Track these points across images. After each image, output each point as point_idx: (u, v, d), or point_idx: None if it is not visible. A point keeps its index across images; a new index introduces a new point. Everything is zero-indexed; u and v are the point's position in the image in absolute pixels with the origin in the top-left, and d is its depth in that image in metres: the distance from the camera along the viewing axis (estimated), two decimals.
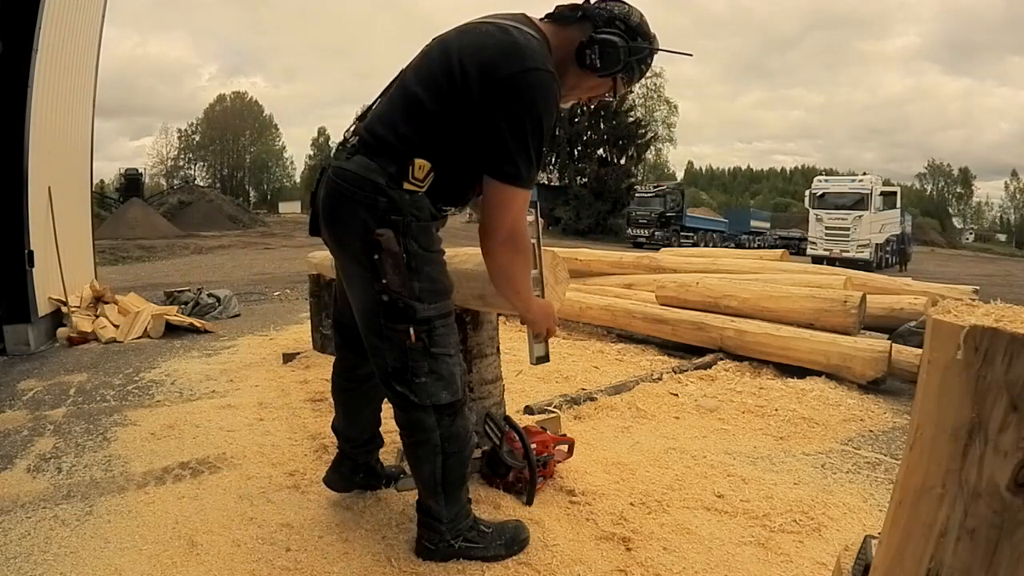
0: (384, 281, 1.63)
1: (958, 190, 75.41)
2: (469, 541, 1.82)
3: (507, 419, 2.22)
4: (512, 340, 5.17)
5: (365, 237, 1.62)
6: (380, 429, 2.24)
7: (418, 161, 1.63)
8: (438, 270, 1.72)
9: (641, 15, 1.75)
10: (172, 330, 5.76)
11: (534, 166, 1.62)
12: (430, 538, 1.82)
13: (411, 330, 1.66)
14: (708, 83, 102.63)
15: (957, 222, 73.44)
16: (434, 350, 1.69)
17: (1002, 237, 66.67)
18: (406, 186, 1.63)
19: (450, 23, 1.71)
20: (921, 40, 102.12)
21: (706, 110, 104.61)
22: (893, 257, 22.26)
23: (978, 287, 6.53)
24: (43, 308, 5.34)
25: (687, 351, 4.71)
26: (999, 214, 76.30)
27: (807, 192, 22.49)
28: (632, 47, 1.71)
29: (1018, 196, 74.12)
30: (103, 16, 7.04)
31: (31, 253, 5.10)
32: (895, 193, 22.98)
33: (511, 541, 1.87)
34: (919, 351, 3.70)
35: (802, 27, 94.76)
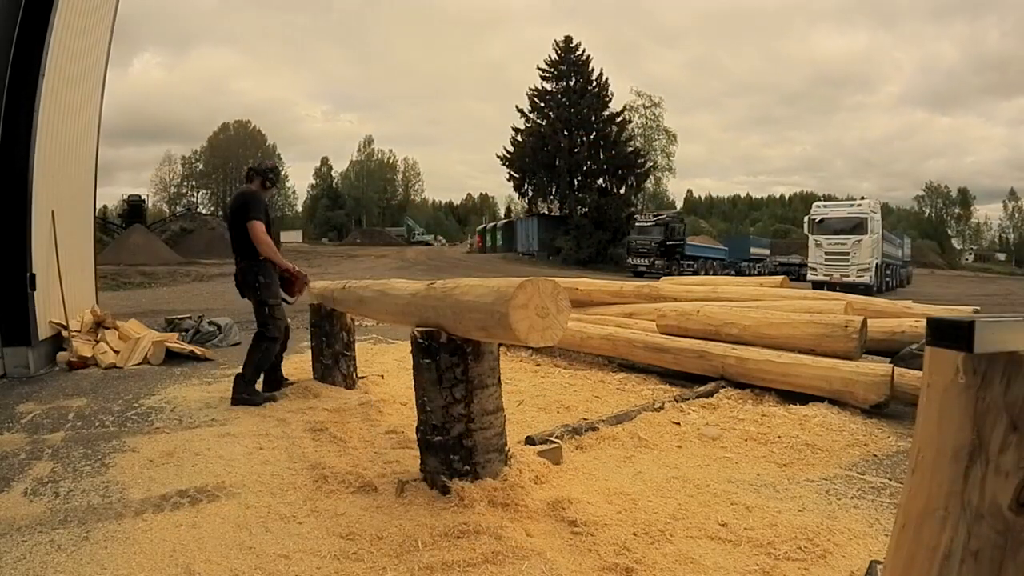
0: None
1: (957, 211, 76.01)
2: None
3: None
4: (513, 371, 5.17)
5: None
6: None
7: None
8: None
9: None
10: (172, 357, 5.76)
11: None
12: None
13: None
14: (719, 130, 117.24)
15: (956, 243, 73.80)
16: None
17: (1001, 256, 66.80)
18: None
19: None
20: (904, 89, 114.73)
21: (713, 151, 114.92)
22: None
23: (979, 307, 6.52)
24: (44, 332, 5.34)
25: (689, 379, 4.69)
26: (998, 234, 76.80)
27: (806, 218, 22.47)
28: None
29: (1016, 215, 74.57)
30: (109, 44, 7.19)
31: (33, 276, 5.13)
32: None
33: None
34: (921, 374, 3.69)
35: (805, 85, 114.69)
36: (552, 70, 39.49)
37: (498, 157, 39.97)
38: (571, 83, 39.04)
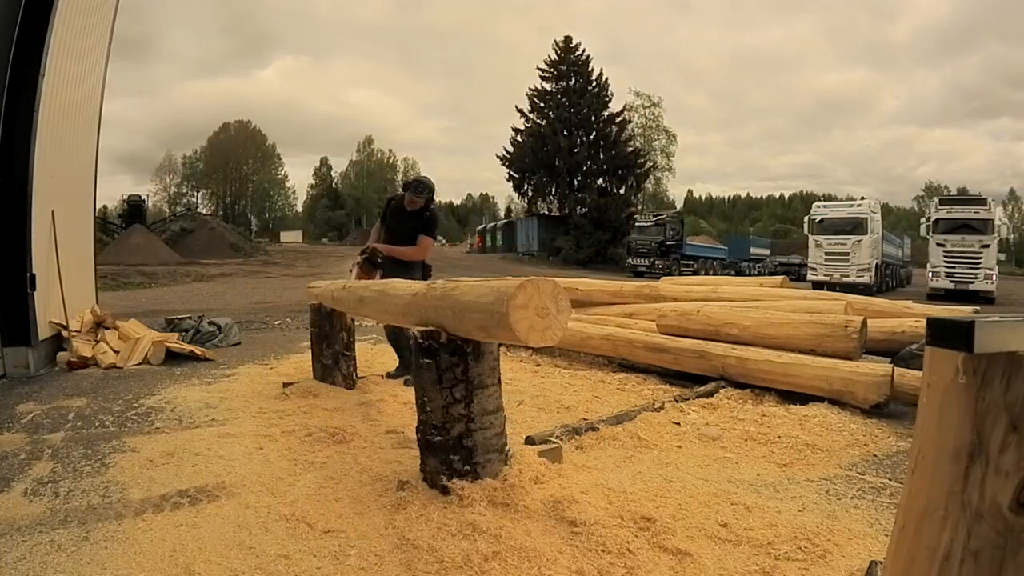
0: None
1: None
2: None
3: None
4: (513, 371, 5.17)
5: None
6: None
7: None
8: None
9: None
10: (172, 357, 5.75)
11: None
12: None
13: None
14: (730, 145, 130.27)
15: None
16: None
17: (1002, 256, 67.04)
18: None
19: None
20: (898, 111, 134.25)
21: (722, 162, 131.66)
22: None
23: (979, 307, 6.52)
24: (44, 332, 5.34)
25: (689, 379, 4.69)
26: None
27: (806, 218, 22.43)
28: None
29: (1016, 215, 74.96)
30: (109, 44, 7.18)
31: (33, 277, 5.13)
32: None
33: None
34: (921, 374, 3.68)
35: (811, 109, 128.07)
36: (552, 70, 39.50)
37: (498, 157, 40.04)
38: (571, 83, 39.05)
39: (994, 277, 19.02)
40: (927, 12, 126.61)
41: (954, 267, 19.18)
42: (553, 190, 39.48)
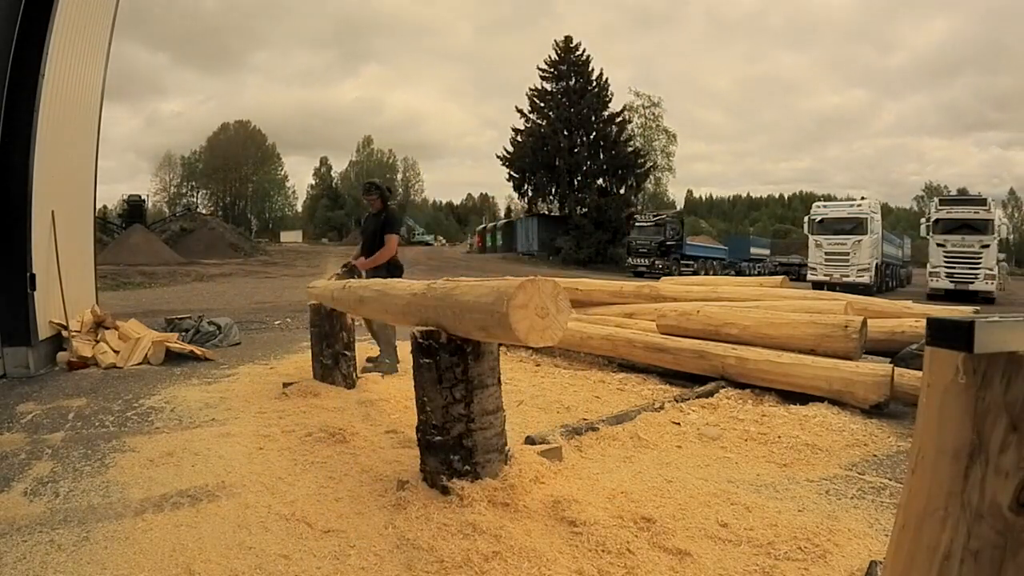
0: None
1: None
2: None
3: None
4: (513, 371, 5.16)
5: None
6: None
7: None
8: None
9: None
10: (172, 357, 5.76)
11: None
12: None
13: None
14: (735, 154, 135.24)
15: None
16: None
17: (1001, 256, 67.27)
18: None
19: None
20: (895, 124, 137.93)
21: (725, 168, 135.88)
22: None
23: (979, 307, 6.52)
24: (44, 332, 5.34)
25: (689, 379, 4.69)
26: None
27: (806, 218, 22.36)
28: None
29: (1016, 215, 75.19)
30: (109, 44, 7.19)
31: (33, 276, 5.13)
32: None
33: None
34: (921, 374, 3.68)
35: (813, 124, 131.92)
36: (552, 70, 39.46)
37: (498, 157, 39.97)
38: (571, 83, 39.01)
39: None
40: (920, 45, 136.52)
41: (954, 267, 19.01)
42: (553, 190, 39.42)
